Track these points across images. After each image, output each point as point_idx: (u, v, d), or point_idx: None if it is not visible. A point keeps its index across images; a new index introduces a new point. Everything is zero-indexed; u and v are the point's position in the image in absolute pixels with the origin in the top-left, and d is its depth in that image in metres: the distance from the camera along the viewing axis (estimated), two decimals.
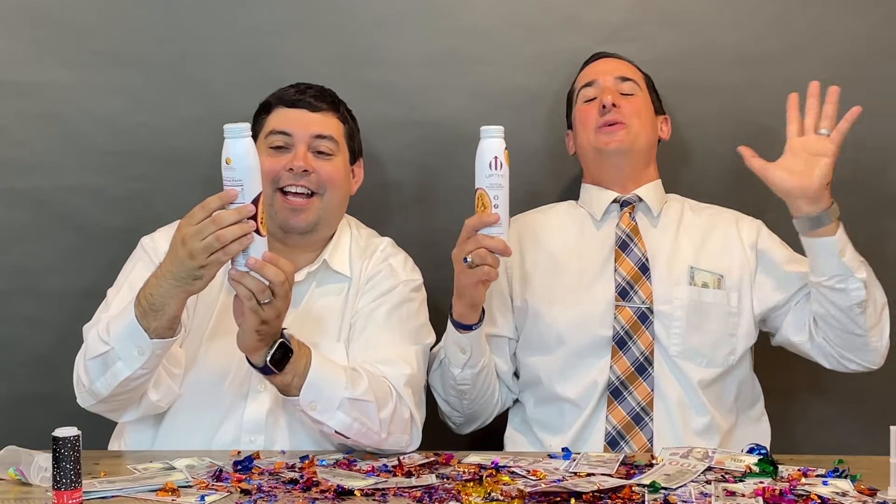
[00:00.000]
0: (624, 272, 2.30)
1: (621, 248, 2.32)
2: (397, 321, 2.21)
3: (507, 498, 1.79)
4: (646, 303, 2.27)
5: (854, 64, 2.57)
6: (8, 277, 2.60)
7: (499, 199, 2.03)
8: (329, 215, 2.23)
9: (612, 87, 2.37)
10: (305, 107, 2.24)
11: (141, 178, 2.60)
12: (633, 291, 2.28)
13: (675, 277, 2.30)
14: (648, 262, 2.30)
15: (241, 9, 2.59)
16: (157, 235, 2.26)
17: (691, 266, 2.31)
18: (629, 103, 2.36)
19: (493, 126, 2.05)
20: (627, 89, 2.37)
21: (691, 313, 2.27)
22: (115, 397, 2.05)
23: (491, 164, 2.03)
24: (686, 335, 2.26)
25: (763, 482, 1.88)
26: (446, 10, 2.60)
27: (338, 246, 2.27)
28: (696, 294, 2.28)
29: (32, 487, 1.85)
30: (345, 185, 2.26)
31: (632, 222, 2.35)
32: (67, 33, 2.57)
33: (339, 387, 2.02)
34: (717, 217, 2.41)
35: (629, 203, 2.37)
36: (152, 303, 1.93)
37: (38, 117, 2.58)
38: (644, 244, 2.33)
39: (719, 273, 2.31)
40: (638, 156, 2.36)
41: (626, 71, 2.41)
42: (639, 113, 2.36)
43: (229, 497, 1.82)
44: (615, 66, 2.42)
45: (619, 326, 2.26)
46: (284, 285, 1.89)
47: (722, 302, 2.29)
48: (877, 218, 2.60)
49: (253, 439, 2.14)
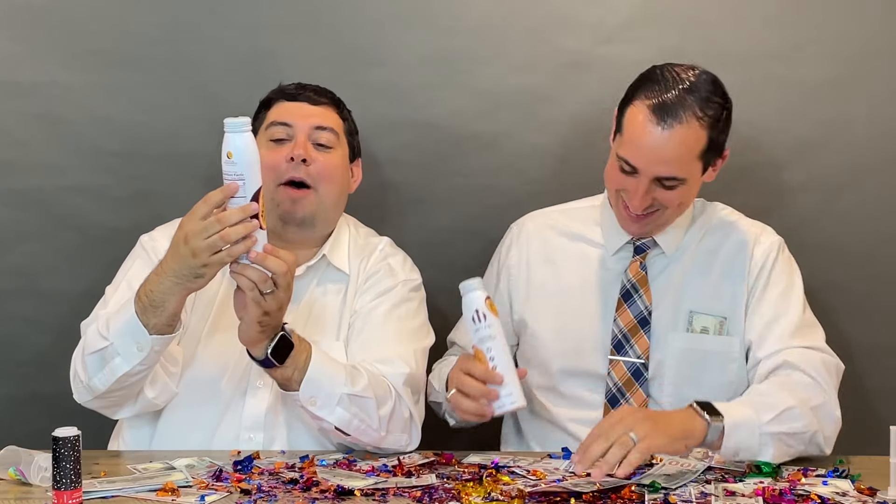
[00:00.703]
0: (622, 323, 2.21)
1: (624, 298, 2.22)
2: (396, 321, 2.21)
3: (507, 498, 1.79)
4: (641, 357, 2.19)
5: (854, 64, 2.57)
6: (8, 277, 2.60)
7: (493, 350, 1.92)
8: (326, 209, 2.23)
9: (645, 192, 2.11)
10: (306, 100, 2.26)
11: (141, 178, 2.60)
12: (629, 345, 2.20)
13: (675, 324, 2.20)
14: (651, 315, 2.21)
15: (241, 9, 2.58)
16: (156, 234, 2.26)
17: (691, 310, 2.20)
18: (666, 196, 2.13)
19: (469, 280, 1.96)
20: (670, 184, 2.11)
21: (683, 364, 2.18)
22: (113, 393, 2.05)
23: (474, 318, 1.93)
24: (678, 386, 2.18)
25: (763, 482, 1.88)
26: (446, 10, 2.60)
27: (337, 242, 2.27)
28: (692, 342, 2.19)
29: (32, 487, 1.85)
30: (342, 180, 2.26)
31: (641, 272, 2.23)
32: (67, 33, 2.57)
33: (339, 382, 2.02)
34: (730, 239, 2.25)
35: (643, 250, 2.25)
36: (152, 299, 1.93)
37: (38, 117, 2.58)
38: (650, 296, 2.21)
39: (722, 315, 2.20)
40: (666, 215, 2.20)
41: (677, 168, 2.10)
42: (675, 201, 2.15)
43: (229, 497, 1.82)
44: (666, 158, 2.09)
45: (611, 383, 2.20)
46: (287, 275, 1.89)
47: (721, 349, 2.19)
48: (877, 218, 2.59)
49: (252, 436, 2.14)
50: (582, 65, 2.59)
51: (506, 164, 2.61)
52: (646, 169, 2.10)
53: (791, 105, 2.57)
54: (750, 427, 1.94)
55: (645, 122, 2.09)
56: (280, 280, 1.88)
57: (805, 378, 2.08)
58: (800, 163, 2.58)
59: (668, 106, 2.08)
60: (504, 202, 2.60)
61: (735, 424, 1.92)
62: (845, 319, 2.54)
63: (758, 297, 2.20)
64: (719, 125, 2.13)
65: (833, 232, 2.58)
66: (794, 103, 2.57)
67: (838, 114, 2.58)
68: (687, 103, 2.08)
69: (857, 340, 2.57)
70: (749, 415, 1.95)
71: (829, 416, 2.06)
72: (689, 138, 2.09)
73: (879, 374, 2.60)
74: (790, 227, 2.31)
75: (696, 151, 2.11)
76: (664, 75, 2.13)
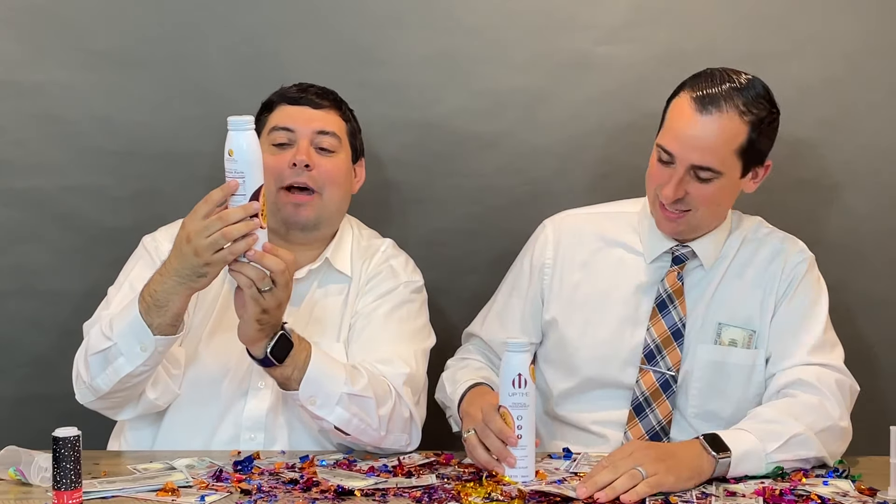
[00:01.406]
0: (656, 333, 2.18)
1: (659, 308, 2.19)
2: (397, 322, 2.20)
3: (507, 498, 1.79)
4: (671, 370, 2.16)
5: (854, 64, 2.57)
6: (8, 277, 2.60)
7: (523, 419, 1.88)
8: (330, 213, 2.23)
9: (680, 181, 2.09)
10: (308, 104, 2.24)
11: (141, 178, 2.60)
12: (661, 356, 2.17)
13: (703, 335, 2.18)
14: (685, 327, 2.18)
15: (241, 9, 2.58)
16: (158, 235, 2.26)
17: (719, 322, 2.18)
18: (701, 191, 2.10)
19: (519, 340, 1.93)
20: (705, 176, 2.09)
21: (711, 376, 2.16)
22: (115, 394, 2.05)
23: (514, 381, 1.88)
24: (704, 398, 2.16)
25: (764, 482, 1.88)
26: (446, 10, 2.60)
27: (340, 245, 2.27)
28: (719, 354, 2.16)
29: (32, 487, 1.85)
30: (345, 182, 2.26)
31: (678, 283, 2.20)
32: (67, 33, 2.57)
33: (339, 382, 2.02)
34: (763, 251, 2.23)
35: (681, 261, 2.21)
36: (156, 299, 1.94)
37: (38, 117, 2.58)
38: (685, 308, 2.18)
39: (751, 329, 2.17)
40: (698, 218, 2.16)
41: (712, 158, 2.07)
42: (708, 199, 2.12)
43: (229, 497, 1.82)
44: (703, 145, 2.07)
45: (638, 392, 2.17)
46: (285, 274, 1.89)
47: (748, 363, 2.16)
48: (878, 218, 2.60)
49: (253, 436, 2.14)
50: (582, 65, 2.59)
51: (506, 164, 2.61)
52: (681, 155, 2.08)
53: (791, 105, 2.57)
54: (756, 457, 1.93)
55: (686, 109, 2.09)
56: (278, 278, 1.88)
57: (814, 399, 2.04)
58: (799, 162, 2.58)
59: (712, 97, 2.08)
60: (504, 202, 2.60)
61: (742, 457, 1.91)
62: (845, 319, 2.54)
63: (783, 310, 2.17)
64: (762, 127, 2.11)
65: (833, 231, 2.58)
66: (793, 103, 2.57)
67: (838, 113, 2.58)
68: (732, 97, 2.08)
69: (857, 340, 2.57)
70: (755, 444, 1.93)
71: (837, 436, 2.03)
72: (728, 129, 2.07)
73: (880, 374, 2.60)
74: (790, 226, 2.30)
75: (734, 146, 2.08)
76: (715, 73, 2.14)
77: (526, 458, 1.88)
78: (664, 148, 2.11)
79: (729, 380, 2.16)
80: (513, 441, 1.88)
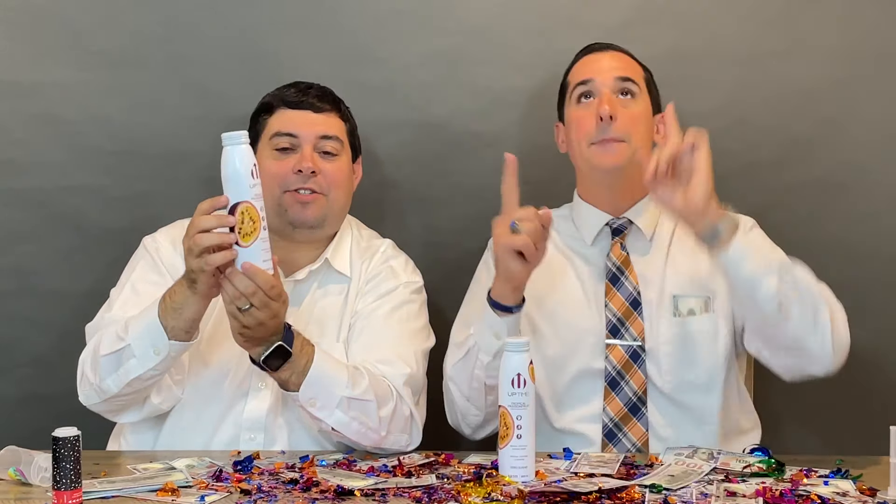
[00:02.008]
0: (615, 307, 2.21)
1: (612, 282, 2.23)
2: (397, 322, 2.21)
3: (507, 498, 1.79)
4: (637, 340, 2.18)
5: (854, 64, 2.57)
6: (8, 277, 2.60)
7: (523, 418, 1.87)
8: (334, 214, 2.23)
9: (610, 93, 2.21)
10: (309, 108, 2.24)
11: (141, 178, 2.60)
12: (625, 329, 2.19)
13: (662, 310, 2.20)
14: (640, 295, 2.21)
15: (241, 9, 2.58)
16: (158, 235, 2.26)
17: (674, 295, 2.21)
18: (628, 112, 2.20)
19: (518, 339, 1.92)
20: (626, 91, 2.23)
21: (677, 348, 2.18)
22: (121, 397, 2.06)
23: (514, 381, 1.87)
24: (676, 370, 2.18)
25: (765, 482, 1.88)
26: (446, 10, 2.60)
27: (339, 245, 2.27)
28: (680, 325, 2.19)
29: (32, 487, 1.85)
30: (348, 184, 2.26)
31: (622, 253, 2.25)
32: (67, 33, 2.57)
33: (340, 385, 2.02)
34: None
35: (620, 231, 2.26)
36: (174, 301, 1.96)
37: (38, 117, 2.58)
38: (635, 276, 2.23)
39: (705, 295, 2.20)
40: (634, 169, 2.16)
41: (626, 69, 2.26)
42: (638, 123, 2.21)
43: (229, 497, 1.82)
44: (615, 64, 2.26)
45: (610, 367, 2.19)
46: (257, 296, 1.87)
47: (710, 328, 2.19)
48: (877, 218, 2.59)
49: (252, 437, 2.14)
50: None
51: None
52: (602, 75, 2.24)
53: (791, 105, 2.57)
54: (759, 258, 1.97)
55: (584, 56, 2.31)
56: (252, 300, 1.88)
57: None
58: (800, 162, 2.58)
59: (601, 44, 2.31)
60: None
61: (742, 249, 1.95)
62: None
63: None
64: (649, 75, 2.30)
65: (833, 231, 2.58)
66: (793, 103, 2.57)
67: (838, 113, 2.58)
68: (618, 48, 2.30)
69: (857, 340, 2.56)
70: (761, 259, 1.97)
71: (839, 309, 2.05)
72: (628, 60, 2.29)
73: (879, 374, 2.60)
74: (790, 226, 2.31)
75: (640, 71, 2.28)
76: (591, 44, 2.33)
77: (526, 457, 1.88)
78: (581, 80, 2.25)
79: (696, 348, 2.18)
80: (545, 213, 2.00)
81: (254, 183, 1.85)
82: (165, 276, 2.17)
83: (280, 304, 1.92)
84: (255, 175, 1.86)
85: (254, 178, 1.85)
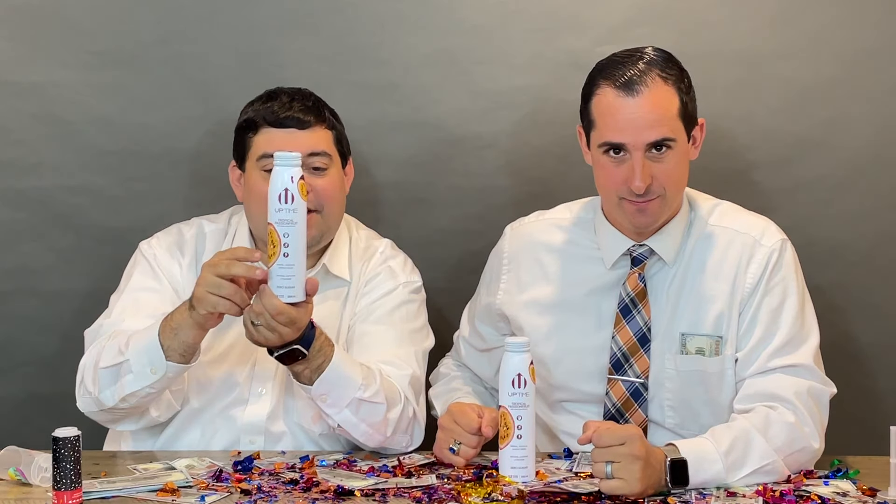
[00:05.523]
0: (621, 341, 2.10)
1: (623, 314, 2.12)
2: (397, 322, 2.20)
3: (507, 498, 1.79)
4: (640, 377, 2.09)
5: (854, 64, 2.57)
6: (8, 277, 2.60)
7: (523, 419, 1.87)
8: (330, 227, 2.21)
9: (643, 157, 2.03)
10: (294, 125, 2.16)
11: (141, 178, 2.60)
12: (629, 365, 2.10)
13: (669, 345, 2.09)
14: (650, 332, 2.10)
15: (241, 9, 2.58)
16: (154, 241, 2.26)
17: (682, 333, 2.09)
18: (662, 168, 2.04)
19: (518, 339, 1.91)
20: (662, 145, 2.04)
21: (683, 387, 2.08)
22: (118, 409, 2.06)
23: (514, 381, 1.86)
24: (679, 409, 2.09)
25: (765, 482, 1.88)
26: (446, 10, 2.60)
27: (336, 251, 2.26)
28: (687, 364, 2.08)
29: (32, 487, 1.85)
30: (342, 194, 2.23)
31: (639, 284, 2.12)
32: (67, 33, 2.56)
33: (354, 387, 2.02)
34: (725, 248, 2.12)
35: (640, 261, 2.13)
36: (174, 321, 1.98)
37: (38, 117, 2.58)
38: (648, 310, 2.11)
39: (717, 335, 2.08)
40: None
41: (662, 123, 2.04)
42: (672, 174, 2.06)
43: (229, 497, 1.82)
44: (651, 119, 2.03)
45: (609, 404, 2.11)
46: (263, 317, 1.88)
47: (719, 370, 2.07)
48: (877, 218, 2.59)
49: (252, 440, 2.14)
50: (582, 65, 2.56)
51: (506, 164, 2.61)
52: (634, 140, 2.03)
53: (791, 105, 2.57)
54: (716, 481, 1.88)
55: (615, 100, 2.05)
56: (259, 320, 1.89)
57: (790, 416, 1.96)
58: (800, 162, 2.58)
59: (634, 78, 2.04)
60: (504, 202, 2.59)
61: (700, 483, 1.86)
62: (845, 319, 2.54)
63: (751, 314, 2.07)
64: (684, 86, 2.09)
65: (833, 231, 2.58)
66: (794, 103, 2.57)
67: (838, 114, 2.58)
68: (650, 71, 2.05)
69: (857, 340, 2.57)
70: (718, 474, 1.87)
71: (808, 457, 1.98)
72: (663, 98, 2.05)
73: (879, 374, 2.60)
74: (790, 226, 2.29)
75: (674, 110, 2.06)
76: (615, 59, 2.11)
77: (526, 458, 1.88)
78: (612, 143, 2.05)
79: (704, 388, 2.08)
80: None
81: (280, 207, 1.84)
82: (163, 281, 2.18)
83: (291, 330, 1.90)
84: (285, 199, 1.84)
85: (281, 203, 1.84)
